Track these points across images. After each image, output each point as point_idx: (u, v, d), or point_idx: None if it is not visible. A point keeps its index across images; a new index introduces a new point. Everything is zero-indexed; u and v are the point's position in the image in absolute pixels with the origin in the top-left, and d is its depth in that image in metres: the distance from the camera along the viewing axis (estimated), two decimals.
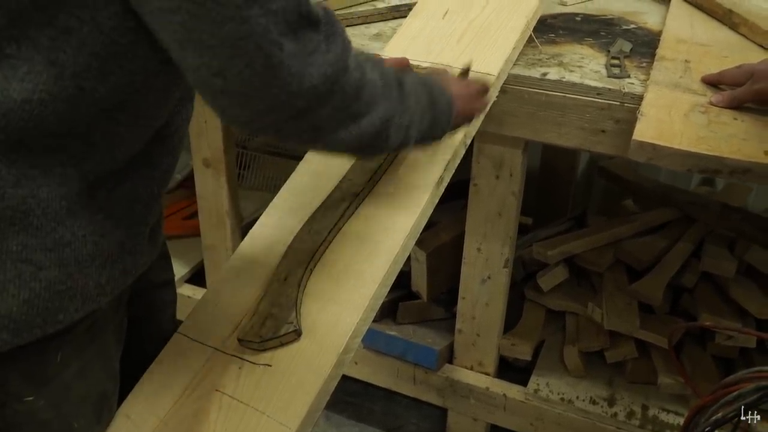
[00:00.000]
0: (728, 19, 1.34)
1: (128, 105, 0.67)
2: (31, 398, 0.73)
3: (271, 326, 0.84)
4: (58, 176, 0.65)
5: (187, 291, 1.81)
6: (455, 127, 0.93)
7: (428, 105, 0.84)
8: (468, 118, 0.98)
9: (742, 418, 0.88)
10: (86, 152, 0.67)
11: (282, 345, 0.84)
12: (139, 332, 0.91)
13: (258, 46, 0.59)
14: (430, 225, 1.37)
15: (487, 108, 1.07)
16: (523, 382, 1.53)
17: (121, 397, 0.86)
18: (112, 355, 0.83)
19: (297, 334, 0.84)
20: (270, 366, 0.82)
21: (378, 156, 0.94)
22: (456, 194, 1.46)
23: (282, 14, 0.60)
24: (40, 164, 0.64)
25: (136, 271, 0.77)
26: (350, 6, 1.52)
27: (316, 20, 0.64)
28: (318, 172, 1.05)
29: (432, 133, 0.87)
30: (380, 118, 0.74)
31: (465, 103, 0.94)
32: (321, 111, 0.67)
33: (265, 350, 0.84)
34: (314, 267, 0.91)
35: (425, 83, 0.86)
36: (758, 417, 0.89)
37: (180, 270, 1.86)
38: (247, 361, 0.84)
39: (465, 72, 1.06)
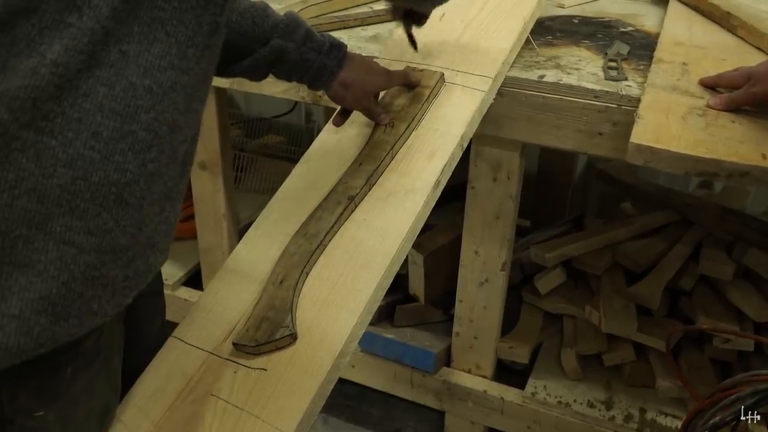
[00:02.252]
0: (726, 21, 1.34)
1: (194, 98, 0.70)
2: (41, 413, 0.72)
3: (267, 330, 0.84)
4: (116, 163, 0.64)
5: (183, 294, 1.81)
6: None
7: None
8: None
9: (742, 418, 0.88)
10: (150, 141, 0.66)
11: (277, 349, 0.83)
12: (128, 342, 0.90)
13: None
14: (428, 228, 1.37)
15: None
16: (521, 385, 1.53)
17: None
18: (115, 368, 0.82)
19: (292, 338, 0.83)
20: (265, 370, 0.82)
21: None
22: (453, 197, 1.46)
23: None
24: (102, 149, 0.63)
25: (156, 267, 0.76)
26: (347, 8, 1.52)
27: None
28: (314, 175, 1.04)
29: None
30: None
31: None
32: None
33: (260, 354, 0.83)
34: (310, 270, 0.91)
35: None
36: (758, 417, 0.88)
37: (176, 273, 1.85)
38: (243, 365, 0.83)
39: None
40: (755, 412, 0.87)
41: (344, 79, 0.99)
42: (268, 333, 0.83)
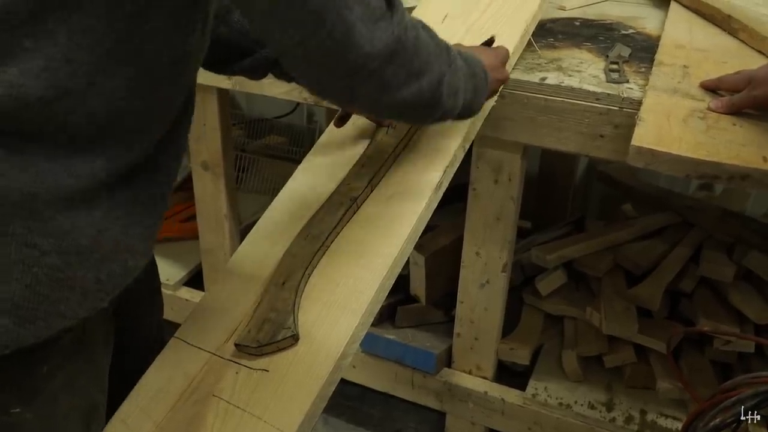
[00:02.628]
0: (727, 24, 1.34)
1: (137, 105, 0.68)
2: (17, 410, 0.72)
3: (269, 331, 0.84)
4: (65, 167, 0.65)
5: (184, 294, 1.81)
6: (488, 97, 0.99)
7: (469, 73, 0.89)
8: (496, 90, 1.06)
9: (742, 418, 0.88)
10: (94, 150, 0.67)
11: (279, 350, 0.83)
12: (125, 341, 0.90)
13: (338, 15, 0.64)
14: (429, 228, 1.37)
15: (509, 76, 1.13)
16: (522, 387, 1.53)
17: (110, 407, 0.85)
18: (101, 367, 0.82)
19: (294, 339, 0.83)
20: (267, 371, 0.82)
21: (428, 121, 0.96)
22: (455, 198, 1.47)
23: None
24: (50, 155, 0.64)
25: (135, 271, 0.76)
26: None
27: None
28: (316, 177, 1.04)
29: (474, 102, 0.92)
30: (436, 76, 0.80)
31: (495, 73, 1.00)
32: (389, 69, 0.72)
33: (262, 355, 0.84)
34: (312, 271, 0.91)
35: (462, 53, 0.90)
36: (758, 416, 0.89)
37: (178, 273, 1.86)
38: (245, 366, 0.83)
39: (488, 42, 1.11)
40: (755, 412, 0.88)
41: None
42: (270, 334, 0.83)
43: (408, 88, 0.77)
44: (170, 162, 0.77)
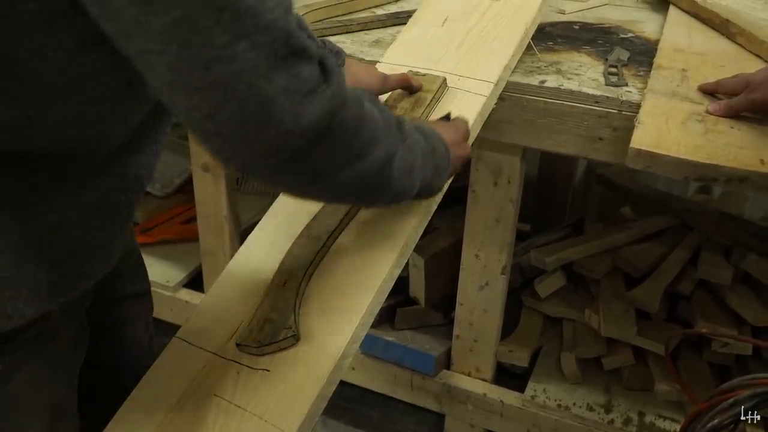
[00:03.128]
0: (725, 28, 1.35)
1: (82, 127, 0.66)
2: None
3: (270, 331, 0.84)
4: (8, 172, 0.65)
5: (185, 296, 1.82)
6: (450, 175, 0.90)
7: (428, 149, 0.80)
8: (458, 168, 0.93)
9: (742, 418, 0.88)
10: (38, 167, 0.66)
11: (280, 350, 0.84)
12: (109, 343, 0.90)
13: (249, 85, 0.56)
14: (429, 231, 1.38)
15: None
16: (521, 389, 1.54)
17: (97, 410, 0.85)
18: (68, 366, 0.81)
19: (295, 339, 0.84)
20: (268, 371, 0.83)
21: (378, 204, 0.85)
22: (455, 200, 1.47)
23: (271, 47, 0.55)
24: (3, 163, 0.64)
25: (94, 275, 0.75)
26: (349, 12, 1.53)
27: (309, 53, 0.59)
28: None
29: (434, 182, 0.83)
30: (382, 156, 0.70)
31: (457, 149, 0.90)
32: (320, 150, 0.63)
33: (263, 355, 0.84)
34: (313, 272, 0.92)
35: (419, 127, 0.82)
36: (758, 417, 0.89)
37: (178, 275, 1.86)
38: (246, 366, 0.84)
39: (446, 117, 1.02)
40: (755, 412, 0.88)
41: None
42: (271, 334, 0.84)
43: (345, 172, 0.67)
44: (137, 170, 0.75)
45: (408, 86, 1.10)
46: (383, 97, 1.11)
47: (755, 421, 0.89)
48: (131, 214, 0.78)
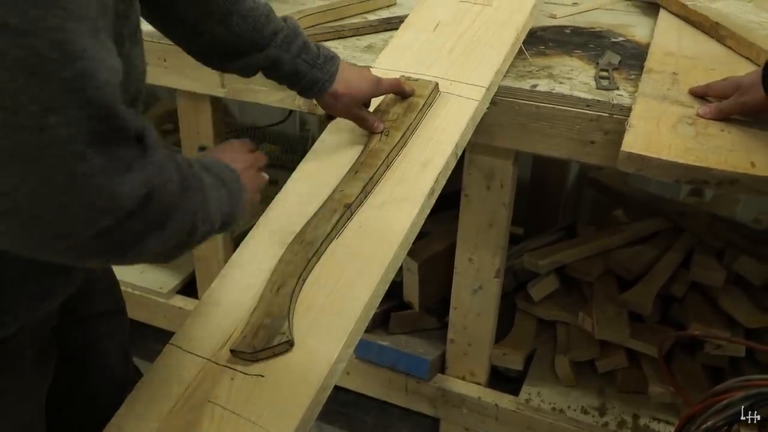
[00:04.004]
0: (715, 32, 1.36)
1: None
2: None
3: (264, 337, 0.84)
4: None
5: (178, 302, 1.81)
6: (248, 202, 0.84)
7: (217, 183, 0.76)
8: (255, 190, 0.89)
9: (742, 418, 0.89)
10: None
11: (274, 355, 0.84)
12: (81, 362, 0.90)
13: (59, 160, 0.51)
14: (422, 235, 1.38)
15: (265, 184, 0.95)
16: (515, 392, 1.54)
17: (69, 428, 0.84)
18: (33, 388, 0.81)
19: (289, 344, 0.84)
20: (262, 377, 0.83)
21: (184, 252, 0.73)
22: (448, 204, 1.47)
23: (88, 123, 0.51)
24: None
25: (52, 298, 0.73)
26: (342, 18, 1.53)
27: (128, 132, 0.56)
28: (310, 184, 1.05)
29: (233, 211, 0.78)
30: (187, 215, 0.66)
31: (251, 179, 0.87)
32: (128, 227, 0.58)
33: (257, 361, 0.84)
34: (307, 277, 0.92)
35: (203, 161, 0.78)
36: (758, 416, 0.89)
37: (171, 281, 1.86)
38: (240, 371, 0.84)
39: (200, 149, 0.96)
40: (755, 412, 0.88)
41: (335, 91, 1.01)
42: (265, 340, 0.84)
43: (152, 238, 0.61)
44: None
45: (401, 91, 1.10)
46: (377, 101, 1.11)
47: (755, 421, 0.89)
48: None
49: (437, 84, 1.13)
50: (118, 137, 0.55)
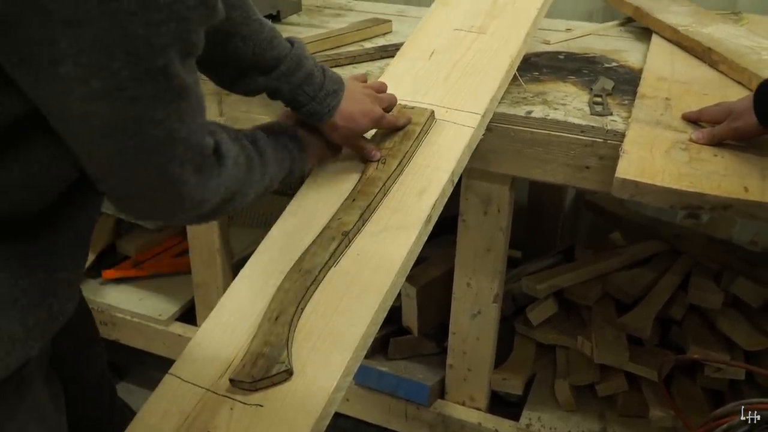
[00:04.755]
0: (708, 57, 1.37)
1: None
2: None
3: (263, 366, 0.85)
4: None
5: (177, 329, 1.81)
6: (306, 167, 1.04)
7: (280, 146, 0.96)
8: (326, 154, 1.10)
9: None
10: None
11: (273, 385, 0.84)
12: (69, 392, 0.90)
13: (172, 188, 0.70)
14: (420, 260, 1.38)
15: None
16: (515, 417, 1.53)
17: None
18: (50, 412, 0.82)
19: (288, 373, 0.84)
20: (262, 406, 0.83)
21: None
22: (445, 230, 1.48)
23: (191, 159, 0.70)
24: None
25: (64, 316, 0.76)
26: (338, 46, 1.55)
27: (210, 152, 0.75)
28: (308, 212, 1.06)
29: (289, 174, 0.98)
30: (252, 185, 0.86)
31: (318, 150, 1.07)
32: (212, 211, 0.80)
33: (256, 390, 0.84)
34: (305, 306, 0.92)
35: (275, 133, 0.98)
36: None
37: (170, 308, 1.86)
38: (239, 401, 0.84)
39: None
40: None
41: (334, 123, 1.03)
42: (264, 369, 0.84)
43: (245, 197, 0.85)
44: (80, 212, 0.78)
45: (397, 128, 1.12)
46: (371, 132, 1.12)
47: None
48: (85, 254, 0.80)
49: (433, 111, 1.14)
50: (206, 161, 0.74)
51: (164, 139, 0.66)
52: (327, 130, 1.04)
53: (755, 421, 0.94)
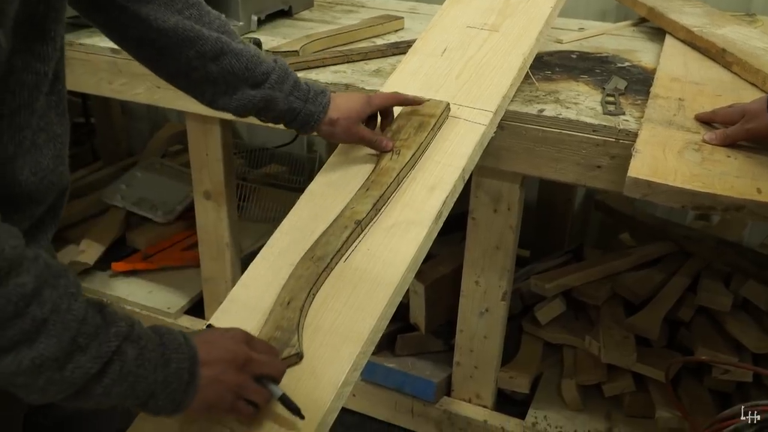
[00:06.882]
0: (721, 58, 1.37)
1: None
2: None
3: None
4: None
5: (185, 322, 1.82)
6: (200, 413, 0.73)
7: (160, 360, 0.67)
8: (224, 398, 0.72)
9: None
10: None
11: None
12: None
13: None
14: (429, 257, 1.38)
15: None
16: (521, 415, 1.53)
17: None
18: None
19: (299, 356, 0.84)
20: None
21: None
22: (455, 227, 1.48)
23: None
24: None
25: None
26: (350, 42, 1.55)
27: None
28: (318, 205, 1.06)
29: (165, 396, 0.67)
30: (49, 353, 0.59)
31: (216, 381, 0.71)
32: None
33: None
34: (317, 292, 0.92)
35: (159, 331, 0.69)
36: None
37: (179, 301, 1.87)
38: None
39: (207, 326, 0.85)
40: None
41: (329, 118, 1.04)
42: None
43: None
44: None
45: (399, 102, 1.12)
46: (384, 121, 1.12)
47: None
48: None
49: (448, 104, 1.14)
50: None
51: None
52: (326, 130, 1.06)
53: (755, 422, 0.94)
